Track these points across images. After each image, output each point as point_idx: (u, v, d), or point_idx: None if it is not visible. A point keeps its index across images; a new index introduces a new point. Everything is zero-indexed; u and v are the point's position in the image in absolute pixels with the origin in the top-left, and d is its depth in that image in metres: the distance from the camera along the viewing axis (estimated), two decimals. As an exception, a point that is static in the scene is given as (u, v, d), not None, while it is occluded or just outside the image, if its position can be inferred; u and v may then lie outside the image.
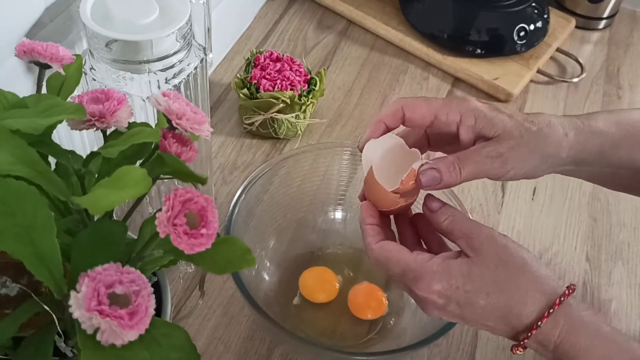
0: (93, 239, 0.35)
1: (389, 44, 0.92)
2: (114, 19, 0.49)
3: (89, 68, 0.51)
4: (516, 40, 0.87)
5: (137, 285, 0.31)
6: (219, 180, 0.73)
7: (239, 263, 0.36)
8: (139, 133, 0.37)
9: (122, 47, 0.48)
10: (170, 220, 0.32)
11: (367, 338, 0.60)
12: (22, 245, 0.31)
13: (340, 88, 0.85)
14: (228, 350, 0.59)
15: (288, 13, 0.95)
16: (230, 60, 0.87)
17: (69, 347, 0.36)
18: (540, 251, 0.69)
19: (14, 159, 0.32)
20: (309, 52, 0.90)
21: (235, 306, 0.62)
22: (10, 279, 0.36)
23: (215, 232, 0.33)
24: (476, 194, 0.74)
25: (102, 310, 0.29)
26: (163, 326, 0.34)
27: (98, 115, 0.38)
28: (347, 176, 0.64)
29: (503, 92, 0.85)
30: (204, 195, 0.33)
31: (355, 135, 0.79)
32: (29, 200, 0.31)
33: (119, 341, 0.29)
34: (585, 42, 0.97)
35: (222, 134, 0.77)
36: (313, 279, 0.62)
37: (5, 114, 0.35)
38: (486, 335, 0.62)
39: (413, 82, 0.87)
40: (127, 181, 0.32)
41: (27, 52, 0.40)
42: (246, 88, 0.73)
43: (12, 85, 0.50)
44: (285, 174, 0.62)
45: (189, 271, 0.64)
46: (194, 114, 0.37)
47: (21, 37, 0.41)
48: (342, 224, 0.66)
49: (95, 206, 0.30)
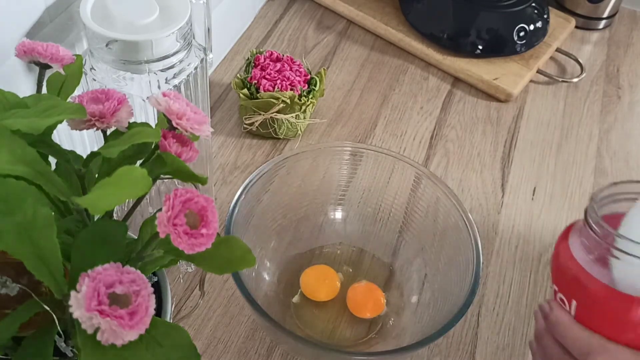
0: (93, 239, 0.35)
1: (389, 44, 0.92)
2: (114, 19, 0.49)
3: (89, 68, 0.51)
4: (516, 40, 0.87)
5: (137, 285, 0.31)
6: (219, 180, 0.73)
7: (239, 263, 0.36)
8: (139, 133, 0.36)
9: (122, 47, 0.48)
10: (170, 220, 0.32)
11: (366, 338, 0.60)
12: (22, 245, 0.31)
13: (340, 88, 0.85)
14: (228, 350, 0.59)
15: (288, 13, 0.95)
16: (230, 60, 0.87)
17: (69, 347, 0.36)
18: (540, 251, 0.69)
19: (14, 159, 0.32)
20: (309, 52, 0.90)
21: (235, 306, 0.62)
22: (10, 279, 0.36)
23: (215, 232, 0.33)
24: (476, 194, 0.74)
25: (102, 310, 0.29)
26: (163, 326, 0.34)
27: (98, 115, 0.38)
28: (347, 176, 0.64)
29: (503, 92, 0.85)
30: (204, 195, 0.33)
31: (355, 135, 0.79)
32: (29, 200, 0.31)
33: (119, 341, 0.29)
34: (585, 42, 0.97)
35: (222, 134, 0.77)
36: (314, 277, 0.62)
37: (5, 114, 0.35)
38: (486, 335, 0.62)
39: (413, 82, 0.87)
40: (127, 181, 0.31)
41: (27, 52, 0.40)
42: (246, 88, 0.74)
43: (12, 85, 0.50)
44: (285, 174, 0.62)
45: (189, 271, 0.64)
46: (194, 114, 0.37)
47: (21, 37, 0.41)
48: (342, 224, 0.66)
49: (95, 206, 0.30)
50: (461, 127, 0.82)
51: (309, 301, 0.62)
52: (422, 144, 0.79)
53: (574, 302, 0.42)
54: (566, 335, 0.43)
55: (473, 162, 0.77)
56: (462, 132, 0.81)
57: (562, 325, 0.43)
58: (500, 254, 0.69)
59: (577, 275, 0.41)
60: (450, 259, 0.58)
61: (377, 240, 0.65)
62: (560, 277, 0.43)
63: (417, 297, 0.61)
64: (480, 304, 0.64)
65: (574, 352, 0.42)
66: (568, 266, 0.42)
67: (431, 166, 0.77)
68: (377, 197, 0.65)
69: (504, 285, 0.66)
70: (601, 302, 0.40)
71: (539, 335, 0.46)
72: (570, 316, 0.43)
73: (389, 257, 0.65)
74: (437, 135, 0.80)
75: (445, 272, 0.58)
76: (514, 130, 0.82)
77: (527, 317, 0.63)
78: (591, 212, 0.41)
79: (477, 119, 0.83)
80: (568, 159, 0.79)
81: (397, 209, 0.64)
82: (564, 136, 0.82)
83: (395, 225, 0.64)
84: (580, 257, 0.41)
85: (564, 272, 0.42)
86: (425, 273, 0.61)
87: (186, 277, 0.64)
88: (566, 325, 0.43)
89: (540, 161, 0.78)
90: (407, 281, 0.62)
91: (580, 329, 0.42)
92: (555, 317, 0.44)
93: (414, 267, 0.62)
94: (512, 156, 0.78)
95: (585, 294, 0.41)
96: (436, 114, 0.83)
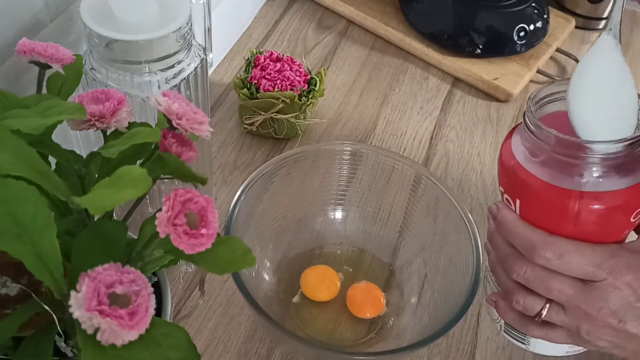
0: (93, 239, 0.35)
1: (389, 44, 0.92)
2: (114, 19, 0.49)
3: (89, 68, 0.51)
4: (516, 40, 0.87)
5: (137, 285, 0.31)
6: (219, 180, 0.73)
7: (239, 263, 0.36)
8: (139, 133, 0.36)
9: (122, 47, 0.48)
10: (170, 220, 0.32)
11: (366, 338, 0.60)
12: (22, 245, 0.31)
13: (340, 88, 0.85)
14: (228, 350, 0.59)
15: (288, 13, 0.95)
16: (230, 60, 0.87)
17: (69, 347, 0.36)
18: (540, 251, 0.69)
19: (14, 159, 0.32)
20: (309, 52, 0.90)
21: (235, 306, 0.62)
22: (10, 279, 0.36)
23: (215, 232, 0.33)
24: (476, 194, 0.74)
25: (102, 310, 0.29)
26: (163, 326, 0.33)
27: (98, 115, 0.38)
28: (347, 176, 0.64)
29: (503, 92, 0.85)
30: (204, 195, 0.33)
31: (355, 135, 0.79)
32: (29, 200, 0.31)
33: (119, 341, 0.29)
34: (585, 42, 0.97)
35: (222, 134, 0.77)
36: (315, 277, 0.62)
37: (5, 114, 0.35)
38: (486, 335, 0.62)
39: (413, 82, 0.87)
40: (127, 181, 0.31)
41: (27, 52, 0.40)
42: (246, 88, 0.74)
43: (12, 85, 0.50)
44: (285, 174, 0.62)
45: (189, 271, 0.64)
46: (194, 114, 0.37)
47: (21, 37, 0.41)
48: (342, 224, 0.66)
49: (95, 206, 0.30)
50: (461, 127, 0.82)
51: (309, 301, 0.62)
52: (422, 144, 0.79)
53: (518, 201, 0.44)
54: (512, 233, 0.44)
55: (473, 162, 0.77)
56: (462, 132, 0.81)
57: (508, 224, 0.45)
58: (500, 254, 0.69)
59: (519, 175, 0.43)
60: (450, 259, 0.58)
61: (377, 240, 0.65)
62: (504, 177, 0.45)
63: (417, 297, 0.60)
64: (480, 304, 0.64)
65: (520, 248, 0.44)
66: (510, 166, 0.44)
67: (431, 166, 0.77)
68: (377, 197, 0.65)
69: (504, 285, 0.66)
70: (542, 198, 0.42)
71: (490, 237, 0.48)
72: (515, 215, 0.45)
73: (389, 257, 0.65)
74: (437, 135, 0.80)
75: (445, 272, 0.58)
76: (514, 130, 0.82)
77: (527, 317, 0.63)
78: (528, 114, 0.43)
79: (477, 119, 0.83)
80: (568, 159, 0.79)
81: (397, 209, 0.64)
82: (564, 136, 0.82)
83: (395, 225, 0.64)
84: (520, 157, 0.43)
85: (507, 173, 0.44)
86: (425, 273, 0.61)
87: (186, 277, 0.64)
88: (511, 223, 0.44)
89: (540, 161, 0.78)
90: (407, 281, 0.62)
91: (524, 225, 0.44)
92: (501, 216, 0.45)
93: (414, 267, 0.62)
94: (512, 156, 0.78)
95: (527, 191, 0.43)
96: (436, 114, 0.83)
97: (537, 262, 0.43)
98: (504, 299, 0.47)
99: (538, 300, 0.44)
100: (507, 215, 0.45)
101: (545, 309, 0.44)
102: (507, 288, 0.46)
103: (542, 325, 0.46)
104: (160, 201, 0.61)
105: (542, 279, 0.43)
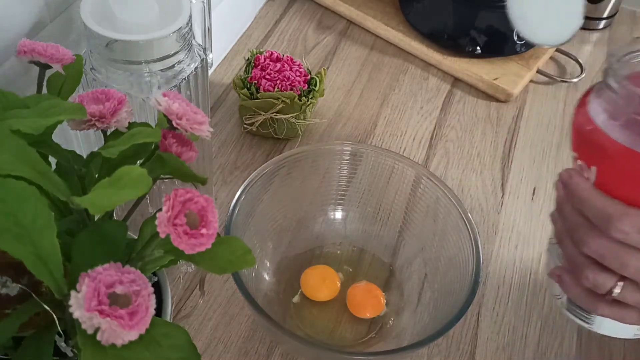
0: (93, 239, 0.35)
1: (389, 44, 0.92)
2: (114, 19, 0.49)
3: (89, 68, 0.51)
4: (516, 40, 0.87)
5: (137, 285, 0.31)
6: (219, 180, 0.73)
7: (239, 263, 0.36)
8: (139, 133, 0.37)
9: (122, 47, 0.48)
10: (170, 220, 0.32)
11: (366, 338, 0.60)
12: (22, 245, 0.31)
13: (340, 88, 0.85)
14: (228, 350, 0.59)
15: (288, 13, 0.95)
16: (230, 60, 0.87)
17: (69, 347, 0.36)
18: (540, 251, 0.69)
19: (14, 159, 0.32)
20: (309, 52, 0.90)
21: (235, 306, 0.62)
22: (10, 279, 0.36)
23: (215, 232, 0.33)
24: (476, 194, 0.74)
25: (103, 310, 0.29)
26: (163, 326, 0.34)
27: (98, 115, 0.38)
28: (347, 176, 0.64)
29: (503, 92, 0.85)
30: (204, 195, 0.33)
31: (355, 135, 0.79)
32: (29, 200, 0.31)
33: (119, 341, 0.29)
34: (585, 42, 0.97)
35: (222, 134, 0.77)
36: (314, 277, 0.62)
37: (6, 114, 0.35)
38: (486, 335, 0.62)
39: (413, 82, 0.87)
40: (127, 181, 0.32)
41: (27, 52, 0.40)
42: (246, 88, 0.74)
43: (12, 85, 0.50)
44: (285, 174, 0.62)
45: (189, 271, 0.64)
46: (194, 114, 0.37)
47: (21, 37, 0.41)
48: (342, 224, 0.66)
49: (95, 206, 0.30)
50: (461, 127, 0.82)
51: (309, 301, 0.62)
52: (422, 144, 0.79)
53: (594, 168, 0.40)
54: (586, 202, 0.40)
55: (473, 162, 0.77)
56: (462, 132, 0.81)
57: (582, 192, 0.41)
58: (500, 254, 0.69)
59: (597, 139, 0.39)
60: (450, 259, 0.58)
61: (377, 240, 0.65)
62: (579, 142, 0.41)
63: (417, 297, 0.61)
64: (480, 304, 0.64)
65: (594, 219, 0.40)
66: (587, 130, 0.39)
67: (431, 166, 0.77)
68: (377, 197, 0.65)
69: (504, 285, 0.66)
70: (622, 165, 0.38)
71: (559, 206, 0.44)
72: (589, 183, 0.41)
73: (389, 257, 0.65)
74: (437, 135, 0.80)
75: (445, 272, 0.59)
76: (513, 130, 0.82)
77: (527, 317, 0.63)
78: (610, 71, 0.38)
79: (477, 119, 0.83)
80: (568, 159, 0.79)
81: (397, 209, 0.64)
82: (564, 136, 0.82)
83: (395, 225, 0.65)
84: (600, 120, 0.39)
85: (582, 137, 0.40)
86: (425, 273, 0.61)
87: (186, 277, 0.64)
88: (585, 192, 0.40)
89: (540, 161, 0.78)
90: (407, 281, 0.62)
91: (599, 195, 0.40)
92: (574, 184, 0.41)
93: (414, 267, 0.62)
94: (512, 156, 0.78)
95: (605, 157, 0.39)
96: (436, 114, 0.83)
97: (612, 235, 0.39)
98: (570, 274, 0.44)
99: (610, 276, 0.40)
100: (580, 182, 0.41)
101: (619, 287, 0.40)
102: (576, 262, 0.42)
103: (612, 304, 0.42)
104: (160, 201, 0.61)
105: (618, 254, 0.39)
